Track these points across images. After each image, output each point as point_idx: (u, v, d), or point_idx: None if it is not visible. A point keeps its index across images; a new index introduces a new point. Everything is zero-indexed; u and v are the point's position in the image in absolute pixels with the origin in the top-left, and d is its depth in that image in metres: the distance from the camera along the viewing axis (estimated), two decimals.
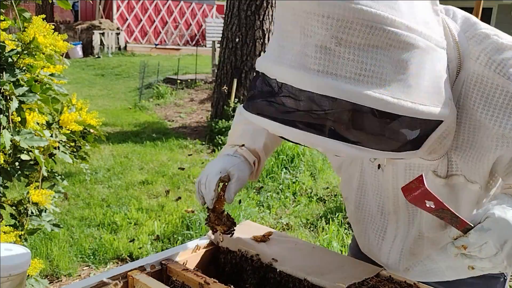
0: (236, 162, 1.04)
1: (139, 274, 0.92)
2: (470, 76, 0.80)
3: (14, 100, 1.26)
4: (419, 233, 0.98)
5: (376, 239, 1.05)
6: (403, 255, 1.01)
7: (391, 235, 1.02)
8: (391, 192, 0.97)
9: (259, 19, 5.80)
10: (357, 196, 1.07)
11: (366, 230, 1.08)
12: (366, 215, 1.07)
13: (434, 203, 0.72)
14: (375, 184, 1.01)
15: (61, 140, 1.46)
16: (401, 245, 1.01)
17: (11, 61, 1.31)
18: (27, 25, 1.34)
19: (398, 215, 0.99)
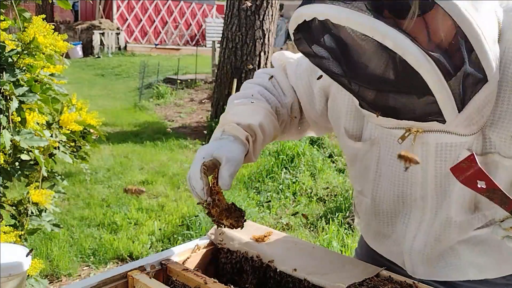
0: (223, 144, 0.92)
1: (139, 274, 0.92)
2: (509, 46, 0.77)
3: (14, 100, 1.26)
4: (447, 217, 0.94)
5: (400, 226, 1.01)
6: (428, 242, 0.97)
7: (415, 221, 0.98)
8: (420, 176, 0.92)
9: (259, 19, 5.80)
10: (374, 187, 1.02)
11: (387, 220, 1.03)
12: (385, 206, 1.02)
13: (486, 183, 0.69)
14: (397, 174, 0.96)
15: (61, 140, 1.46)
16: (426, 231, 0.97)
17: (11, 61, 1.31)
18: (27, 25, 1.34)
19: (425, 200, 0.95)
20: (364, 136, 0.98)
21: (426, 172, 0.91)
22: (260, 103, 1.01)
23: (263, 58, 5.97)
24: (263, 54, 5.95)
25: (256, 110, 0.99)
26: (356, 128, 0.98)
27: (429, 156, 0.89)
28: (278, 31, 14.62)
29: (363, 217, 1.11)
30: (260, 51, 5.91)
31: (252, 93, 1.05)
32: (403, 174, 0.95)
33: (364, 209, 1.08)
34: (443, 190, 0.92)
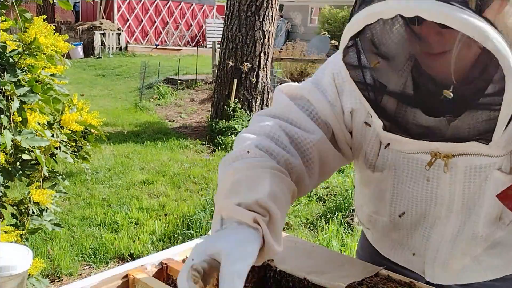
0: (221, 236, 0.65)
1: (140, 273, 0.93)
2: None
3: (15, 100, 1.26)
4: (473, 233, 0.93)
5: (420, 238, 0.99)
6: (453, 256, 0.96)
7: (437, 235, 0.96)
8: (447, 198, 0.90)
9: (259, 19, 5.80)
10: (392, 208, 0.99)
11: (407, 233, 1.01)
12: (405, 223, 0.99)
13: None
14: (417, 195, 0.93)
15: (62, 140, 1.47)
16: (449, 246, 0.96)
17: (12, 62, 1.31)
18: (28, 25, 1.35)
19: (448, 218, 0.93)
20: (377, 164, 0.94)
21: (453, 194, 0.89)
22: (260, 161, 0.78)
23: (263, 58, 5.98)
24: (263, 55, 5.95)
25: (258, 175, 0.74)
26: (372, 154, 0.95)
27: (457, 180, 0.87)
28: (278, 31, 14.62)
29: (378, 231, 1.08)
30: (260, 51, 5.91)
31: (247, 149, 0.80)
32: (425, 196, 0.92)
33: (381, 226, 1.05)
34: (469, 209, 0.90)
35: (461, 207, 0.91)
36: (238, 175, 0.75)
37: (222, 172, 0.81)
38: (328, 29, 15.54)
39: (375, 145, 0.94)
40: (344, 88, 0.90)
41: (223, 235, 0.65)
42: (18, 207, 1.45)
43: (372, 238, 1.13)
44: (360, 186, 1.07)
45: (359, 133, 0.93)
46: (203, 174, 4.60)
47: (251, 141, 0.83)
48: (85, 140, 1.56)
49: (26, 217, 1.42)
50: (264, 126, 0.86)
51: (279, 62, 8.28)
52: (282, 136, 0.85)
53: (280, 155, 0.82)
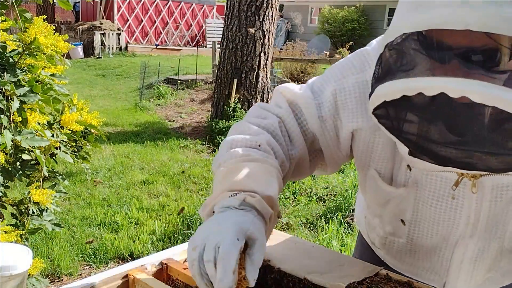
0: (252, 221, 0.68)
1: (140, 273, 0.93)
2: None
3: (15, 100, 1.26)
4: (499, 247, 0.91)
5: (440, 261, 0.96)
6: (476, 272, 0.95)
7: (459, 257, 0.94)
8: (472, 218, 0.87)
9: (259, 19, 5.80)
10: (411, 229, 0.96)
11: (425, 256, 0.99)
12: (424, 244, 0.97)
13: None
14: (439, 215, 0.90)
15: (62, 140, 1.47)
16: (472, 263, 0.94)
17: (12, 62, 1.31)
18: (28, 25, 1.35)
19: (472, 238, 0.90)
20: (398, 179, 0.92)
21: (479, 213, 0.87)
22: (271, 160, 0.81)
23: (263, 58, 5.98)
24: (263, 55, 5.96)
25: (271, 174, 0.78)
26: (387, 170, 0.92)
27: (484, 198, 0.85)
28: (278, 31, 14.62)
29: (394, 255, 1.05)
30: (260, 51, 5.91)
31: (259, 142, 0.83)
32: (449, 215, 0.90)
33: (396, 248, 1.03)
34: (494, 227, 0.89)
35: (486, 226, 0.89)
36: (255, 165, 0.78)
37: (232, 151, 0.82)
38: (328, 29, 15.54)
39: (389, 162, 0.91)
40: (346, 106, 0.89)
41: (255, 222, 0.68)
42: (18, 207, 1.45)
43: (384, 257, 1.10)
44: (375, 207, 1.03)
45: (364, 153, 0.92)
46: (203, 174, 4.60)
47: (261, 135, 0.85)
48: (85, 140, 1.56)
49: (26, 217, 1.42)
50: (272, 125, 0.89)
51: (279, 62, 8.28)
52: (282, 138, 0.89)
53: (280, 157, 0.86)
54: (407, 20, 0.63)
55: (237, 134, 0.86)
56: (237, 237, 0.63)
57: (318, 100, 0.91)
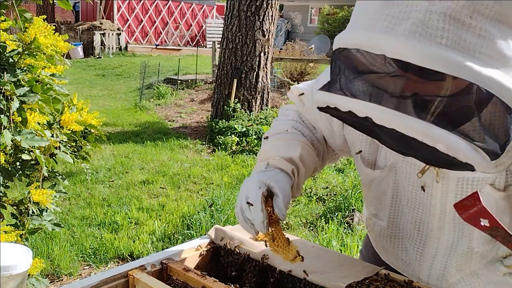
0: (273, 175, 0.90)
1: (140, 273, 0.93)
2: None
3: (15, 100, 1.26)
4: (468, 248, 0.92)
5: (414, 254, 1.00)
6: (447, 271, 0.96)
7: (431, 251, 0.97)
8: (438, 208, 0.90)
9: (259, 19, 5.80)
10: (391, 212, 1.00)
11: (402, 245, 1.02)
12: (401, 231, 1.00)
13: (489, 221, 0.68)
14: (414, 201, 0.94)
15: (62, 140, 1.47)
16: (443, 261, 0.96)
17: (12, 62, 1.31)
18: (28, 25, 1.35)
19: (442, 231, 0.93)
20: (378, 162, 0.96)
21: (444, 205, 0.89)
22: (296, 136, 0.99)
23: (263, 58, 5.98)
24: (263, 55, 5.96)
25: (293, 143, 0.97)
26: (371, 153, 0.97)
27: (449, 190, 0.87)
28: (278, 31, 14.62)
29: (376, 239, 1.09)
30: (260, 51, 5.91)
31: (286, 128, 1.02)
32: (420, 201, 0.93)
33: (379, 232, 1.06)
34: (462, 223, 0.89)
35: (453, 221, 0.90)
36: (280, 141, 0.99)
37: (264, 139, 1.03)
38: (328, 29, 15.55)
39: (372, 145, 0.95)
40: None
41: (275, 175, 0.90)
42: (18, 207, 1.45)
43: (374, 246, 1.12)
44: (363, 187, 1.08)
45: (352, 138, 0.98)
46: (203, 174, 4.60)
47: (286, 123, 1.03)
48: (85, 140, 1.56)
49: (26, 217, 1.42)
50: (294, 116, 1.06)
51: (279, 62, 8.28)
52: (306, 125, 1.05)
53: (308, 136, 1.02)
54: (344, 36, 0.66)
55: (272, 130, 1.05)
56: (258, 186, 0.86)
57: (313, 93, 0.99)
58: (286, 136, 0.99)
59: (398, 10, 0.59)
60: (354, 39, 0.63)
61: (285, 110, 1.10)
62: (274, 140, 1.00)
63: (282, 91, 7.90)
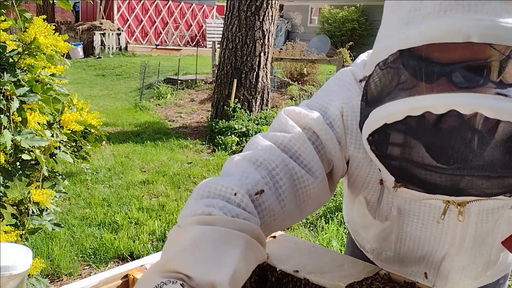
0: None
1: (140, 273, 0.93)
2: None
3: (15, 100, 1.26)
4: (487, 261, 0.92)
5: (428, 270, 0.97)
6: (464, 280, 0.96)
7: (447, 268, 0.95)
8: (458, 239, 0.88)
9: (259, 19, 5.80)
10: (397, 246, 0.97)
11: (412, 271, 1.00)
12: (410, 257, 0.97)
13: None
14: (427, 235, 0.90)
15: (62, 140, 1.47)
16: (460, 273, 0.94)
17: (12, 62, 1.31)
18: (28, 25, 1.35)
19: (459, 255, 0.91)
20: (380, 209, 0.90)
21: (465, 235, 0.87)
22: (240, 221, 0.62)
23: (263, 58, 5.98)
24: (263, 55, 5.96)
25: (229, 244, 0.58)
26: (374, 196, 0.91)
27: (470, 222, 0.85)
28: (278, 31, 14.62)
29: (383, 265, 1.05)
30: (260, 51, 5.91)
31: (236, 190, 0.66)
32: (434, 236, 0.89)
33: (385, 257, 1.04)
34: (481, 244, 0.89)
35: (472, 245, 0.89)
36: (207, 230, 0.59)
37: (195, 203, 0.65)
38: (328, 29, 15.55)
39: (376, 191, 0.89)
40: (351, 129, 0.80)
41: None
42: (18, 207, 1.45)
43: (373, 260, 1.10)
44: (361, 227, 1.03)
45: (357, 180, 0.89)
46: (203, 174, 4.60)
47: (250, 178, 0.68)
48: (85, 140, 1.56)
49: (26, 217, 1.42)
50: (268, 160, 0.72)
51: (279, 62, 8.28)
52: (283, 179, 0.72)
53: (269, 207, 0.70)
54: (400, 35, 0.59)
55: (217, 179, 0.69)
56: None
57: (328, 119, 0.80)
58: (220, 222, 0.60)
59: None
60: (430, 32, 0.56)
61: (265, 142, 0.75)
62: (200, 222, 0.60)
63: (282, 91, 7.90)
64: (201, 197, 0.66)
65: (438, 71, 0.58)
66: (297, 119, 0.79)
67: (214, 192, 0.66)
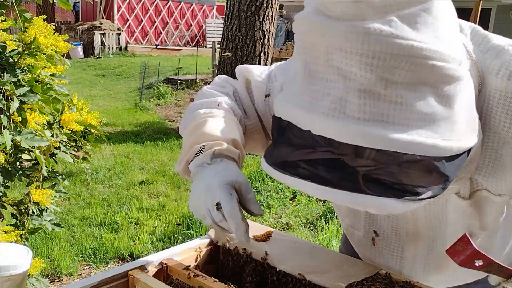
0: (233, 169, 0.81)
1: (140, 273, 0.93)
2: (493, 93, 0.75)
3: (15, 100, 1.26)
4: (443, 250, 0.93)
5: (394, 259, 1.01)
6: (426, 270, 0.98)
7: (410, 254, 0.99)
8: (410, 217, 0.93)
9: (259, 19, 5.80)
10: (366, 223, 1.01)
11: (381, 252, 1.03)
12: (379, 239, 1.01)
13: (483, 260, 0.69)
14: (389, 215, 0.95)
15: (62, 140, 1.47)
16: (422, 261, 0.98)
17: (12, 62, 1.31)
18: (28, 25, 1.35)
19: (417, 235, 0.95)
20: None
21: (416, 213, 0.91)
22: (229, 115, 0.91)
23: (263, 58, 5.98)
24: (263, 55, 5.96)
25: (231, 122, 0.89)
26: None
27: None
28: (278, 31, 14.62)
29: (357, 247, 1.09)
30: (260, 51, 5.92)
31: (218, 102, 0.93)
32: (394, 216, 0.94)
33: (357, 240, 1.07)
34: (434, 227, 0.92)
35: (425, 226, 0.92)
36: (215, 119, 0.87)
37: (194, 111, 0.91)
38: None
39: None
40: None
41: (235, 170, 0.81)
42: (18, 207, 1.45)
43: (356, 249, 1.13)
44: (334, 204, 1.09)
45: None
46: None
47: (219, 97, 0.95)
48: (85, 140, 1.56)
49: (26, 217, 1.42)
50: (228, 91, 0.98)
51: (279, 62, 8.29)
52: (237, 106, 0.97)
53: (238, 116, 0.95)
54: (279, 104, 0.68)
55: (199, 99, 0.96)
56: (229, 192, 0.76)
57: (270, 86, 0.97)
58: (220, 113, 0.89)
59: (318, 88, 0.61)
60: (285, 112, 0.65)
61: (222, 81, 1.02)
62: (207, 116, 0.88)
63: None
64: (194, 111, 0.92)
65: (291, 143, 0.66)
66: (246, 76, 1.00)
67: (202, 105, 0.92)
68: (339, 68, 0.59)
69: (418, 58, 0.58)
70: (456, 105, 0.63)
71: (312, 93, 0.62)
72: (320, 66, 0.61)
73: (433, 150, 0.60)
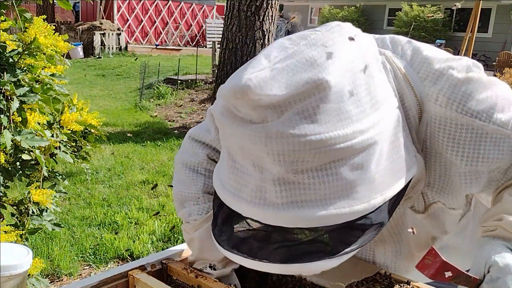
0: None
1: (140, 273, 0.93)
2: (433, 118, 0.78)
3: (15, 100, 1.26)
4: (410, 253, 0.98)
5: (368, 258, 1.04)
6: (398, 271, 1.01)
7: (380, 257, 1.02)
8: None
9: (259, 19, 5.80)
10: None
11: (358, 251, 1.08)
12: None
13: (452, 271, 0.71)
14: None
15: (62, 140, 1.47)
16: (392, 264, 1.02)
17: (12, 62, 1.31)
18: (28, 25, 1.35)
19: (384, 240, 0.99)
20: None
21: None
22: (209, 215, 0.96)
23: None
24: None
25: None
26: None
27: None
28: (278, 31, 14.63)
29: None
30: (260, 51, 5.91)
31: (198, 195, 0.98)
32: None
33: None
34: (397, 234, 0.96)
35: (389, 233, 0.96)
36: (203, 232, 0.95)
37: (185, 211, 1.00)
38: None
39: None
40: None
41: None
42: (18, 207, 1.45)
43: None
44: None
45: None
46: None
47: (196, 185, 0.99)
48: (85, 140, 1.56)
49: (26, 217, 1.42)
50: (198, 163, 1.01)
51: None
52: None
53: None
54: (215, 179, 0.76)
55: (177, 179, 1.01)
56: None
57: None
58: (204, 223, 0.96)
59: (239, 177, 0.67)
60: (218, 192, 0.72)
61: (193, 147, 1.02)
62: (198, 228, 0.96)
63: None
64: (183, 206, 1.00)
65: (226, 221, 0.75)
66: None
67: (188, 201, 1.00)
68: (253, 161, 0.64)
69: (321, 148, 0.61)
70: (371, 166, 0.66)
71: (236, 181, 0.68)
72: (238, 157, 0.67)
73: (352, 215, 0.65)
